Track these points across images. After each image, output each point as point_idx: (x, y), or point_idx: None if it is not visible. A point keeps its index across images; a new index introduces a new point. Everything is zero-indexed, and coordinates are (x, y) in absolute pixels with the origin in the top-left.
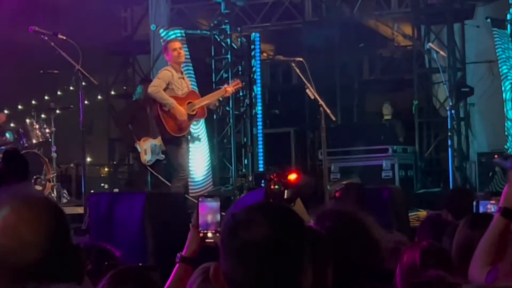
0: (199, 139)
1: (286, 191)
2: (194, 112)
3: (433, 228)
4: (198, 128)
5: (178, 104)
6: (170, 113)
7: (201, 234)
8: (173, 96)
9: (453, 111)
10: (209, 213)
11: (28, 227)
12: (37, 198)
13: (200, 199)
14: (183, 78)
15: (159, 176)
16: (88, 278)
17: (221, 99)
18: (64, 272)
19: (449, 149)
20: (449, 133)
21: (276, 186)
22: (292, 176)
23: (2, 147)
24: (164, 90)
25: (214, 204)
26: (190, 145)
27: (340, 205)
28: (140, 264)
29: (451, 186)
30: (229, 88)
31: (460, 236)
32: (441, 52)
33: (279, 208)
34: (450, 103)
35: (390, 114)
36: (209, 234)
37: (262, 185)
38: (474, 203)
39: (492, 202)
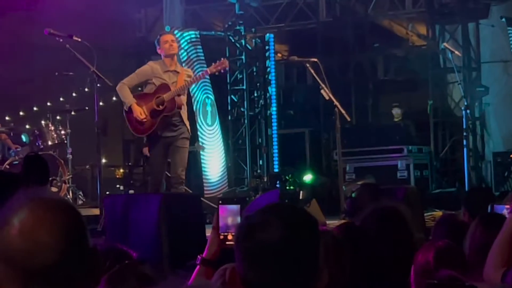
0: (203, 149)
1: (301, 192)
2: (163, 107)
3: (448, 228)
4: (213, 129)
5: (147, 101)
6: (131, 112)
7: (221, 237)
8: (143, 94)
9: (468, 111)
10: (229, 215)
11: (45, 230)
12: (54, 201)
13: (220, 202)
14: (175, 71)
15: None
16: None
17: (235, 99)
18: (81, 274)
19: (465, 149)
20: (464, 133)
21: (291, 187)
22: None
23: (18, 149)
24: (144, 85)
25: (235, 206)
26: (206, 143)
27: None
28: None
29: (466, 186)
30: (203, 73)
31: (474, 236)
32: (456, 52)
33: (293, 209)
34: (465, 103)
35: (400, 117)
36: (229, 237)
37: (277, 186)
38: (489, 206)
39: (507, 206)
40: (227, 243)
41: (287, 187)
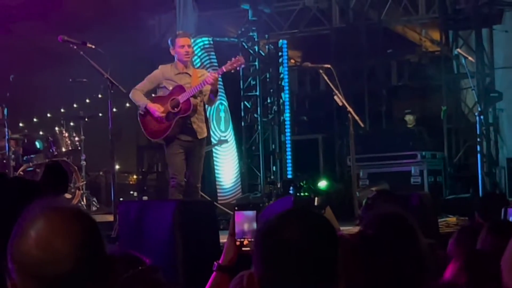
0: (226, 141)
1: (316, 198)
2: (178, 109)
3: (468, 238)
4: (226, 135)
5: (161, 104)
6: (148, 115)
7: (237, 243)
8: (158, 97)
9: (482, 117)
10: (245, 221)
11: (61, 239)
12: (70, 209)
13: (236, 208)
14: (186, 73)
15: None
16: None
17: (248, 105)
18: (97, 282)
19: (478, 155)
20: (478, 139)
21: (306, 193)
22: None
23: (32, 156)
24: (155, 90)
25: (250, 213)
26: (219, 149)
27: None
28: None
29: (480, 192)
30: (218, 71)
31: (485, 243)
32: (470, 58)
33: (310, 213)
34: (479, 109)
35: (412, 124)
36: (246, 242)
37: (291, 192)
38: (503, 210)
39: None
40: (243, 249)
41: (302, 194)
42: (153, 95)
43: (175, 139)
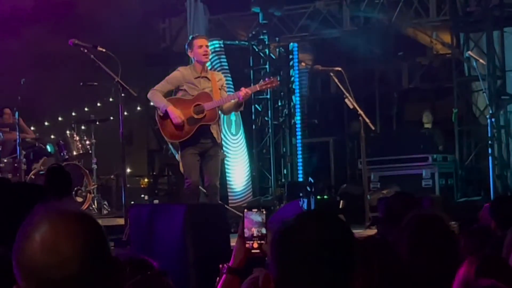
0: (226, 157)
1: (341, 202)
2: (201, 116)
3: (480, 238)
4: (237, 139)
5: (183, 108)
6: (166, 117)
7: (247, 245)
8: (179, 99)
9: (493, 119)
10: (254, 224)
11: (66, 242)
12: (75, 213)
13: (245, 211)
14: (205, 77)
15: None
16: None
17: (259, 108)
18: (103, 285)
19: (490, 157)
20: (490, 141)
21: (325, 197)
22: None
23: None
24: (175, 92)
25: (260, 215)
26: (230, 152)
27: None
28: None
29: (492, 195)
30: (251, 88)
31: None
32: (481, 60)
33: (329, 215)
34: (490, 111)
35: (430, 123)
36: (255, 245)
37: (301, 194)
38: None
39: None
40: (253, 251)
41: (323, 196)
42: (175, 96)
43: (192, 142)
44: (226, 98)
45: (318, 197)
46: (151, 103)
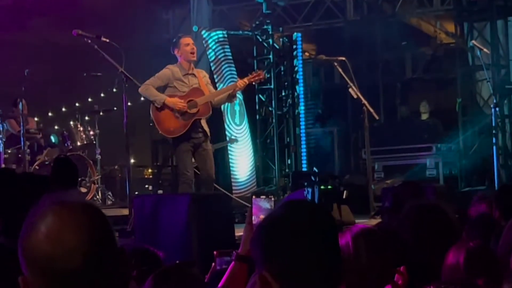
0: (237, 141)
1: (345, 192)
2: (195, 111)
3: (483, 228)
4: (241, 129)
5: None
6: (163, 111)
7: None
8: (172, 95)
9: (497, 109)
10: (263, 211)
11: (72, 233)
12: (80, 204)
13: (253, 197)
14: (193, 74)
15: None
16: (134, 282)
17: (263, 98)
18: (109, 276)
19: (494, 147)
20: (494, 131)
21: (329, 187)
22: None
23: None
24: (164, 88)
25: (268, 202)
26: (231, 146)
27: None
28: (177, 261)
29: (496, 184)
30: (241, 82)
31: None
32: (485, 50)
33: (313, 203)
34: (494, 101)
35: (427, 113)
36: None
37: (305, 184)
38: None
39: None
40: None
41: (327, 186)
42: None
43: (186, 137)
44: (218, 91)
45: (322, 187)
46: (143, 98)
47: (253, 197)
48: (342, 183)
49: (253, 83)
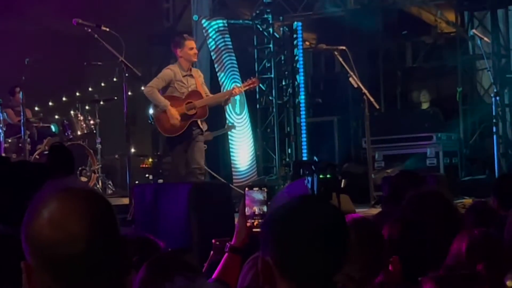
0: (234, 127)
1: (343, 181)
2: (193, 112)
3: (479, 216)
4: (242, 118)
5: (176, 105)
6: (164, 111)
7: (248, 223)
8: (172, 96)
9: (497, 98)
10: (256, 202)
11: (75, 220)
12: (84, 191)
13: (246, 189)
14: (191, 75)
15: (204, 166)
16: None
17: (263, 88)
18: (111, 264)
19: (494, 136)
20: (494, 120)
21: (328, 176)
22: None
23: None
24: (165, 89)
25: (261, 193)
26: (234, 132)
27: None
28: (170, 249)
29: (496, 173)
30: (237, 90)
31: None
32: (485, 39)
33: (320, 200)
34: (495, 90)
35: (428, 102)
36: (256, 223)
37: (307, 173)
38: None
39: None
40: (254, 230)
41: (325, 175)
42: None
43: (182, 138)
44: (216, 96)
45: (321, 176)
46: (150, 100)
47: (246, 189)
48: (341, 172)
49: (249, 90)
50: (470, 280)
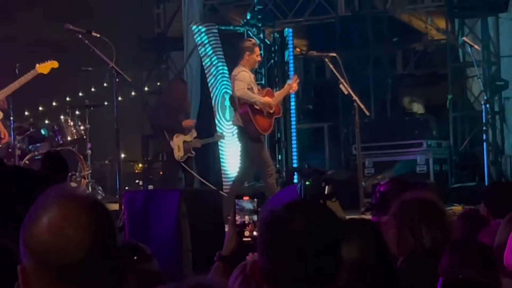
0: (223, 137)
1: (326, 187)
2: (272, 110)
3: (470, 224)
4: (231, 124)
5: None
6: (258, 111)
7: (238, 232)
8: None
9: (487, 105)
10: (246, 211)
11: (74, 226)
12: (85, 198)
13: (236, 199)
14: (254, 77)
15: (193, 172)
16: None
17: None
18: (110, 270)
19: (484, 143)
20: (484, 127)
21: (307, 182)
22: None
23: (37, 145)
24: None
25: (251, 202)
26: (221, 142)
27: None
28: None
29: (486, 181)
30: (295, 85)
31: (504, 236)
32: (475, 46)
33: (316, 204)
34: (485, 97)
35: (420, 109)
36: (247, 233)
37: (295, 181)
38: None
39: None
40: (244, 239)
41: (310, 182)
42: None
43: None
44: (280, 93)
45: (307, 183)
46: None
47: (236, 199)
48: (326, 178)
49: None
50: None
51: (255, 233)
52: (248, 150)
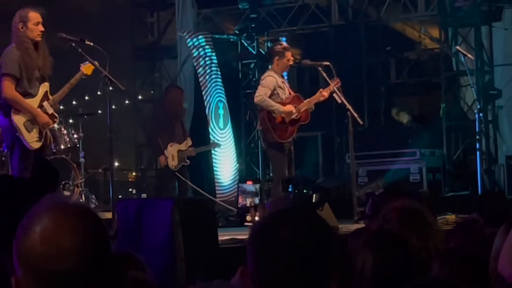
0: (219, 145)
1: (314, 195)
2: (298, 117)
3: (466, 234)
4: (225, 133)
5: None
6: (277, 119)
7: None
8: (279, 102)
9: (481, 114)
10: (248, 194)
11: (66, 235)
12: (77, 207)
13: (239, 184)
14: (284, 82)
15: (187, 181)
16: None
17: (247, 102)
18: (101, 281)
19: (477, 152)
20: (477, 136)
21: (304, 190)
22: None
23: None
24: (270, 96)
25: (253, 186)
26: (215, 150)
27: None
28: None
29: (479, 190)
30: (325, 92)
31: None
32: (469, 55)
33: (306, 212)
34: (478, 106)
35: (407, 118)
36: (249, 218)
37: (290, 190)
38: None
39: None
40: (246, 223)
41: (299, 190)
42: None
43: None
44: (310, 100)
45: (296, 191)
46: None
47: (239, 183)
48: (315, 186)
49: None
50: None
51: (256, 218)
52: (269, 154)
